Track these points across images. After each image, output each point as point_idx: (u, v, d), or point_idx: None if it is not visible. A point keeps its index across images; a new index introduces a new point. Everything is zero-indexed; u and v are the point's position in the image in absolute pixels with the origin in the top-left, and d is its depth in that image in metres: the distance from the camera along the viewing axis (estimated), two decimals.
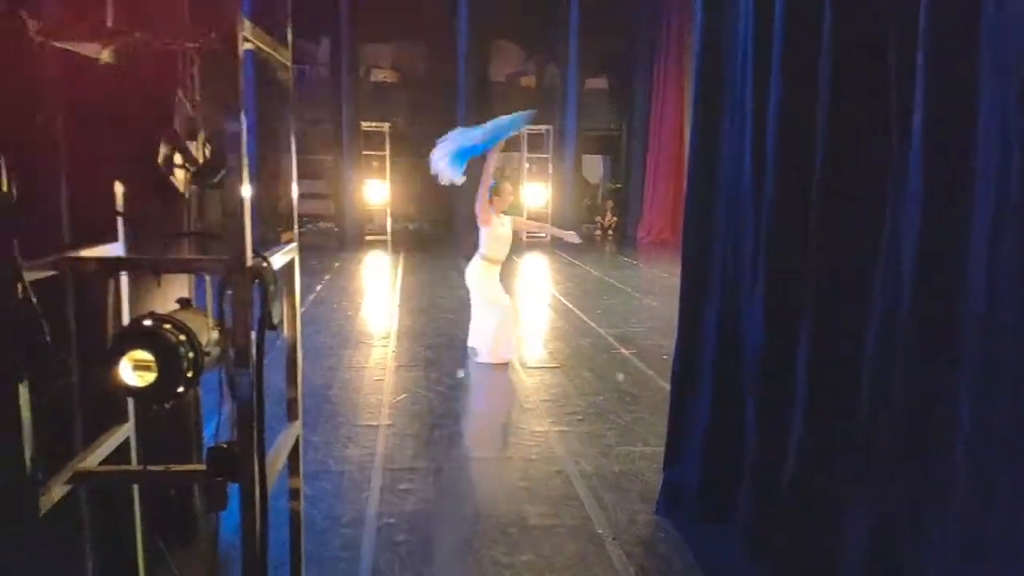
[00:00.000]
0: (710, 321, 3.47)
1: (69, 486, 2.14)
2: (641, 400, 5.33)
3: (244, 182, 1.91)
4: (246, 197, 1.92)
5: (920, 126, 1.86)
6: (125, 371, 2.00)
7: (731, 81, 3.25)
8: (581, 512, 3.59)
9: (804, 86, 2.59)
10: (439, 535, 3.36)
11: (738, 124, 3.21)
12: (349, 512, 3.54)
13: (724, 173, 3.37)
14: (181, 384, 2.07)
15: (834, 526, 2.46)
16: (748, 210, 3.14)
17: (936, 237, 1.83)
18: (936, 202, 1.80)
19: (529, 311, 8.51)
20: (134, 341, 2.00)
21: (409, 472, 4.02)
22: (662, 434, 4.58)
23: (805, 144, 2.63)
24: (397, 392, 5.40)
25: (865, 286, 2.27)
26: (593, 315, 8.19)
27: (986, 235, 1.62)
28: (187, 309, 2.25)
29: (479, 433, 4.66)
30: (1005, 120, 1.61)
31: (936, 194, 1.81)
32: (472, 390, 5.54)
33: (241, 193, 1.91)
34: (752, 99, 3.04)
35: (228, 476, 2.03)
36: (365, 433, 4.58)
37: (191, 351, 2.06)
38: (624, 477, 3.99)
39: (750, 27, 2.99)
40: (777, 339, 2.88)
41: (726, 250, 3.36)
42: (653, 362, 6.33)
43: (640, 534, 3.40)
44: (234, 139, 1.85)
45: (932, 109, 1.81)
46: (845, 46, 2.33)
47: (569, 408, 5.11)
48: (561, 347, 6.52)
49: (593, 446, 4.42)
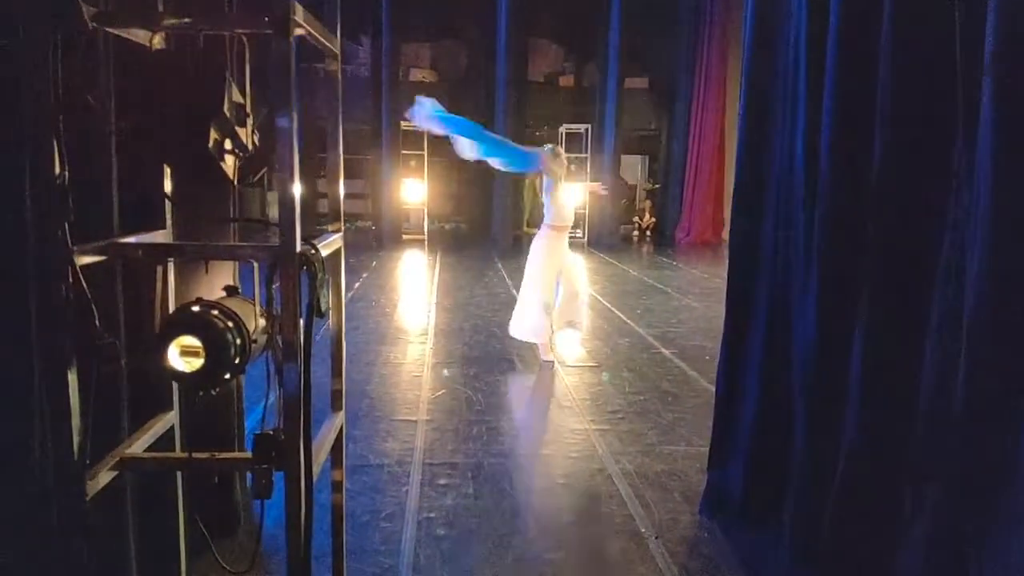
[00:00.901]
0: (759, 320, 3.38)
1: (115, 472, 2.15)
2: (683, 400, 5.25)
3: (295, 168, 1.90)
4: (297, 183, 1.91)
5: (990, 119, 1.76)
6: (173, 357, 2.00)
7: (783, 70, 3.16)
8: (623, 510, 3.53)
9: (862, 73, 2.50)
10: (479, 530, 3.32)
11: (790, 114, 3.12)
12: (389, 506, 3.53)
13: (775, 166, 3.27)
14: (228, 370, 2.07)
15: (888, 532, 2.36)
16: (799, 205, 3.05)
17: (1007, 235, 1.73)
18: (1006, 198, 1.70)
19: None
20: (182, 327, 2.00)
21: (448, 467, 4.00)
22: (704, 434, 4.51)
23: (862, 134, 2.53)
24: (435, 388, 5.39)
25: (926, 283, 2.17)
26: (632, 315, 8.10)
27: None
28: (234, 297, 2.25)
29: (518, 430, 4.62)
30: None
31: (1006, 189, 1.72)
32: (510, 387, 5.50)
33: (292, 179, 1.90)
34: (805, 88, 2.95)
35: (274, 464, 2.02)
36: (404, 428, 4.57)
37: (239, 338, 2.06)
38: (666, 476, 3.92)
39: (803, 12, 2.90)
40: (831, 337, 2.78)
41: (776, 246, 3.27)
42: (695, 363, 6.23)
43: (683, 534, 3.33)
44: (285, 126, 1.84)
45: (1001, 102, 1.71)
46: (906, 33, 2.24)
47: (609, 407, 5.04)
48: (600, 346, 6.45)
49: (634, 445, 4.35)
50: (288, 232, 1.92)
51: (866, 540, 2.51)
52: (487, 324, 7.57)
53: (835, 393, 2.74)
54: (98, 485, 2.04)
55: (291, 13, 1.79)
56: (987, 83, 1.76)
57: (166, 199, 2.24)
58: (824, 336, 2.84)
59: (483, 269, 11.68)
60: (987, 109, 1.78)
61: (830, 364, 2.80)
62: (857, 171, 2.61)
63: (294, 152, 1.91)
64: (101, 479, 2.06)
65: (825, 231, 2.81)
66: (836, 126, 2.71)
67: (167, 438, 2.47)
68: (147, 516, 2.59)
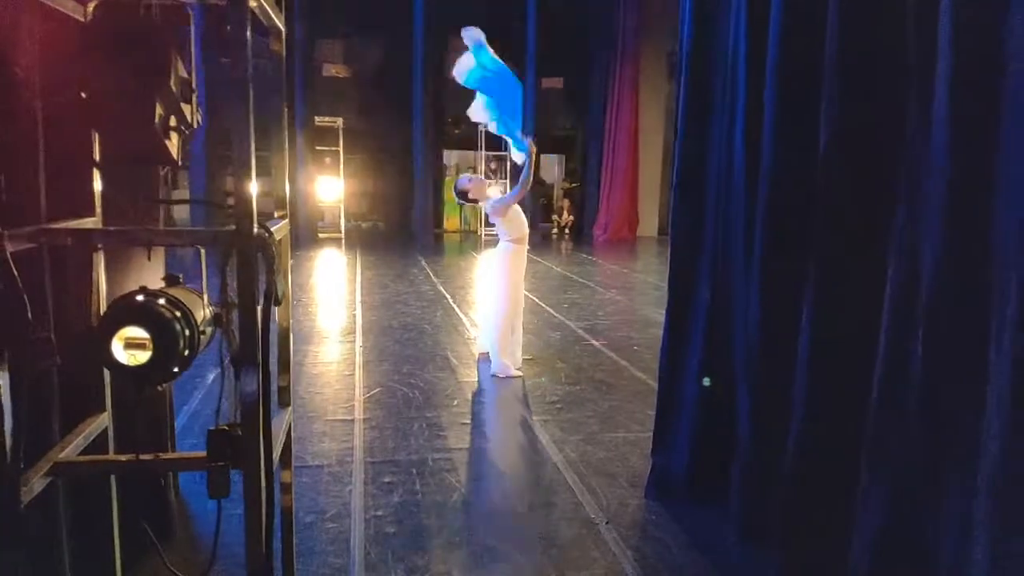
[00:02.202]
0: (699, 306, 3.45)
1: (49, 478, 1.99)
2: (617, 389, 5.32)
3: (250, 150, 1.80)
4: (251, 165, 1.81)
5: (945, 101, 1.83)
6: (117, 350, 1.87)
7: (722, 55, 3.24)
8: (572, 498, 3.53)
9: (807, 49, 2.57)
10: (430, 526, 3.26)
11: (729, 103, 3.20)
12: (333, 506, 3.41)
13: (714, 156, 3.35)
14: (177, 364, 1.94)
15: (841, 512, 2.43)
16: (740, 192, 3.13)
17: (961, 214, 1.80)
18: (961, 180, 1.78)
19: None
20: (127, 318, 1.87)
21: (391, 465, 3.90)
22: (642, 421, 4.60)
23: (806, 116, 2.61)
24: (370, 387, 5.27)
25: (877, 264, 2.23)
26: (560, 309, 8.17)
27: (1017, 215, 1.61)
28: (176, 286, 2.12)
29: (459, 424, 4.56)
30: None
31: (961, 172, 1.79)
32: (447, 383, 5.43)
33: (248, 161, 1.79)
34: (745, 69, 3.02)
35: (231, 461, 1.91)
36: (341, 428, 4.44)
37: (187, 328, 1.94)
38: (610, 463, 3.96)
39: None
40: (775, 322, 2.87)
41: (717, 234, 3.34)
42: (624, 353, 6.33)
43: (633, 518, 3.37)
44: (241, 102, 1.74)
45: (958, 81, 1.78)
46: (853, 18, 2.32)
47: (548, 398, 5.05)
48: (532, 340, 6.46)
49: (576, 433, 4.37)
50: (245, 216, 1.82)
51: (817, 519, 2.58)
52: (417, 321, 7.47)
53: (780, 375, 2.82)
54: (32, 492, 1.88)
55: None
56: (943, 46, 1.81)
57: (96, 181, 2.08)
58: (767, 321, 2.92)
59: (406, 266, 11.52)
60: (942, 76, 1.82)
61: (774, 348, 2.89)
62: (801, 155, 2.69)
63: (250, 132, 1.81)
64: (35, 486, 1.89)
65: (768, 216, 2.89)
66: (779, 110, 2.79)
67: (100, 440, 2.31)
68: (80, 523, 2.40)
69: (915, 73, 1.97)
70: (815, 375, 2.55)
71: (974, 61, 1.76)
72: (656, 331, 7.25)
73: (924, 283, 1.90)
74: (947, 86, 1.80)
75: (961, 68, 1.78)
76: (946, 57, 1.81)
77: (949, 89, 1.80)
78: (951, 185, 1.80)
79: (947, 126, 1.82)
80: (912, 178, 1.97)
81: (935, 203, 1.84)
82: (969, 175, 1.78)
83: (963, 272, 1.80)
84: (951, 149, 1.82)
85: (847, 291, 2.38)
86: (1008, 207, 1.64)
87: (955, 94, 1.79)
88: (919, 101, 1.94)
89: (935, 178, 1.85)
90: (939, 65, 1.84)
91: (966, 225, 1.78)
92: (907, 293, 1.98)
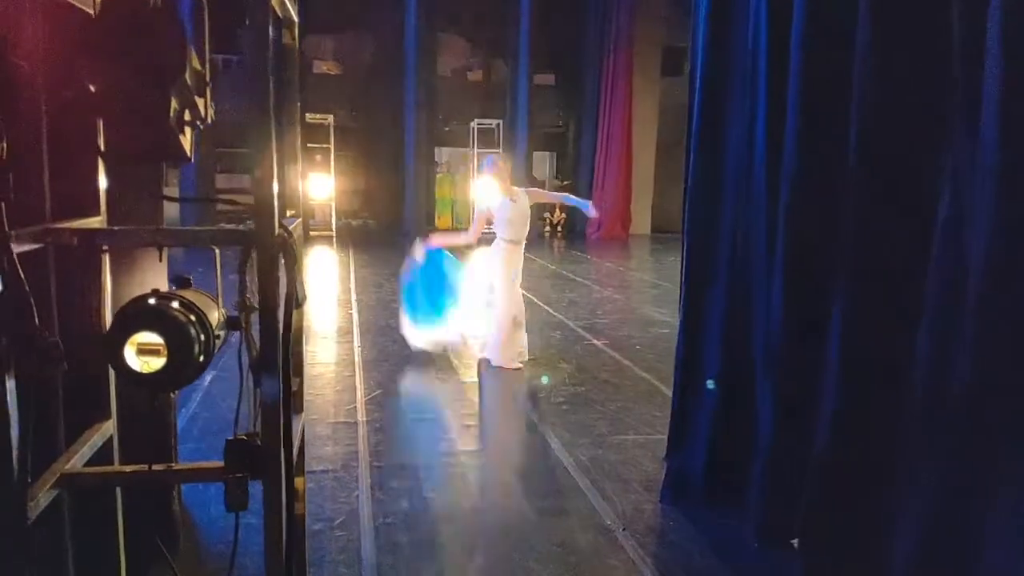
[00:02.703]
0: (717, 307, 3.38)
1: (56, 491, 1.89)
2: (623, 389, 5.24)
3: (272, 147, 1.71)
4: (274, 162, 1.72)
5: (996, 90, 1.76)
6: (129, 356, 1.77)
7: (741, 55, 3.17)
8: (586, 503, 3.46)
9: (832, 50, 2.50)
10: (442, 534, 3.17)
11: (749, 102, 3.13)
12: (341, 512, 3.32)
13: (731, 155, 3.28)
14: (192, 369, 1.85)
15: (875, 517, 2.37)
16: (762, 192, 3.06)
17: (1014, 213, 1.74)
18: (1013, 179, 1.71)
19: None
20: (140, 322, 1.77)
21: (398, 469, 3.81)
22: (651, 422, 4.53)
23: (833, 117, 2.54)
24: (371, 388, 5.17)
25: (916, 269, 2.16)
26: (559, 308, 8.09)
27: None
28: (187, 288, 2.03)
29: (466, 427, 4.48)
30: None
31: (1012, 170, 1.72)
32: (450, 384, 5.34)
33: (271, 158, 1.70)
34: (766, 74, 2.96)
35: (249, 472, 1.82)
36: (344, 431, 4.34)
37: (202, 333, 1.85)
38: (622, 466, 3.88)
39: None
40: (801, 323, 2.81)
41: (735, 237, 3.27)
42: (627, 352, 6.26)
43: (649, 523, 3.29)
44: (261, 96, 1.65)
45: (1011, 70, 1.71)
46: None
47: (554, 399, 4.97)
48: (534, 340, 6.37)
49: (585, 436, 4.29)
50: (267, 214, 1.73)
51: (846, 522, 2.51)
52: None
53: (806, 376, 2.76)
54: (39, 507, 1.78)
55: None
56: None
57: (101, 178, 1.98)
58: (792, 322, 2.86)
59: (400, 266, 11.39)
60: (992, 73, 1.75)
61: (800, 349, 2.82)
62: (826, 156, 2.62)
63: (271, 128, 1.72)
64: (42, 500, 1.80)
65: (791, 217, 2.83)
66: (803, 111, 2.72)
67: (105, 449, 2.21)
68: (86, 535, 2.30)
69: (959, 69, 1.90)
70: (846, 376, 2.48)
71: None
72: (656, 330, 7.22)
73: (971, 285, 1.84)
74: (997, 82, 1.73)
75: (1013, 64, 1.70)
76: (995, 54, 1.73)
77: (1000, 84, 1.73)
78: (1001, 183, 1.74)
79: (997, 122, 1.75)
80: (958, 177, 1.91)
81: (984, 203, 1.78)
82: (1021, 173, 1.71)
83: (1015, 273, 1.73)
84: (1001, 145, 1.75)
85: (882, 293, 2.31)
86: None
87: (1006, 90, 1.72)
88: (964, 96, 1.87)
89: (983, 177, 1.78)
90: (987, 62, 1.77)
91: (1019, 225, 1.71)
92: (953, 295, 1.92)
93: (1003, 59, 1.71)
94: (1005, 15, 1.75)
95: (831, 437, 2.52)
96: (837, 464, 2.49)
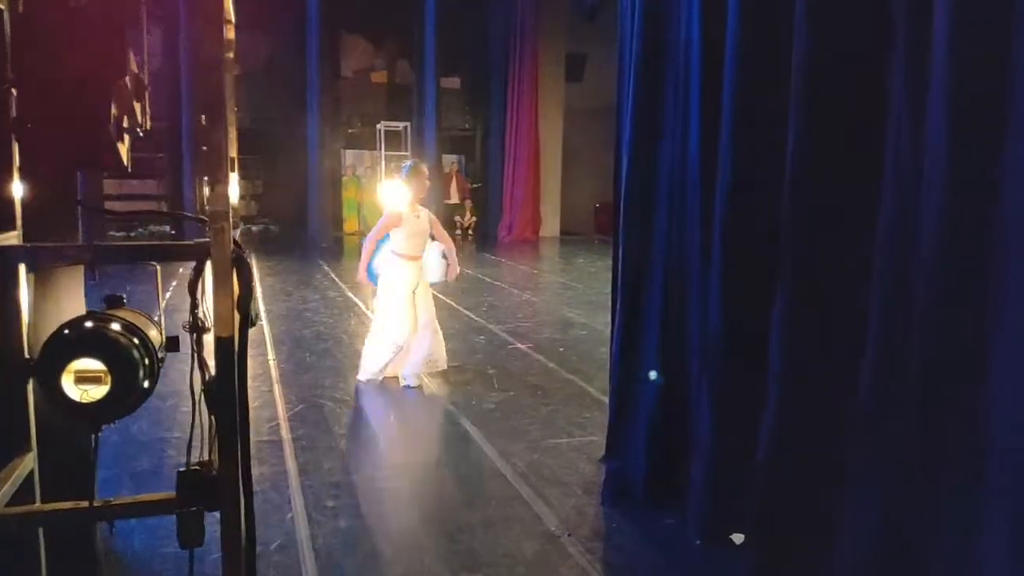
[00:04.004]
0: (653, 309, 3.44)
1: None
2: (551, 393, 5.26)
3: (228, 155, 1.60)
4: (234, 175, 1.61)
5: (940, 95, 1.80)
6: (67, 386, 1.62)
7: (673, 57, 3.22)
8: (528, 511, 3.44)
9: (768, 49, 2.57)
10: (385, 552, 3.08)
11: (682, 102, 3.19)
12: (277, 535, 3.16)
13: (665, 157, 3.34)
14: (136, 397, 1.72)
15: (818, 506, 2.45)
16: (696, 194, 3.14)
17: (955, 219, 1.81)
18: (962, 172, 1.78)
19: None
20: (78, 348, 1.63)
21: (332, 487, 3.67)
22: (583, 424, 4.57)
23: (769, 116, 2.61)
24: (293, 403, 4.97)
25: (860, 264, 2.21)
26: (480, 312, 8.06)
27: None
28: (121, 307, 1.88)
29: (397, 438, 4.37)
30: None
31: (962, 164, 1.78)
32: (375, 395, 5.21)
33: (225, 168, 1.59)
34: (700, 73, 3.01)
35: (206, 504, 1.70)
36: (269, 449, 4.15)
37: (146, 356, 1.72)
38: (560, 471, 3.88)
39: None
40: (739, 324, 2.88)
41: (670, 242, 3.33)
42: (551, 355, 6.30)
43: (594, 527, 3.31)
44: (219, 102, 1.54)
45: (956, 75, 1.77)
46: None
47: (483, 406, 4.93)
48: (459, 346, 6.32)
49: (519, 442, 4.27)
50: (223, 228, 1.61)
51: (797, 525, 2.56)
52: (330, 331, 7.16)
53: (744, 378, 2.84)
54: None
55: None
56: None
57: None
58: (730, 324, 2.93)
59: (309, 272, 11.08)
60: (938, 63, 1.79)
61: (738, 351, 2.90)
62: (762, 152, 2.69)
63: (227, 136, 1.61)
64: None
65: (727, 218, 2.90)
66: (737, 115, 2.80)
67: (26, 485, 2.01)
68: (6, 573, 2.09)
69: (900, 72, 1.97)
70: (786, 378, 2.55)
71: (974, 48, 1.73)
72: (576, 332, 7.31)
73: (915, 285, 1.92)
74: (942, 86, 1.80)
75: (960, 57, 1.75)
76: (941, 45, 1.78)
77: (945, 88, 1.79)
78: (949, 177, 1.79)
79: (944, 117, 1.80)
80: (900, 180, 1.99)
81: (929, 206, 1.85)
82: (970, 166, 1.77)
83: (963, 265, 1.80)
84: (947, 145, 1.81)
85: (822, 293, 2.40)
86: (1012, 199, 1.65)
87: (953, 83, 1.76)
88: (908, 99, 1.93)
89: (928, 179, 1.86)
90: (933, 54, 1.83)
91: (968, 217, 1.78)
92: (896, 294, 2.01)
93: (947, 63, 1.78)
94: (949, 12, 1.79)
95: (775, 438, 2.59)
96: (783, 464, 2.57)
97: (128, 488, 3.52)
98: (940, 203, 1.81)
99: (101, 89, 1.49)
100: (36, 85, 1.48)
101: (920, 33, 1.87)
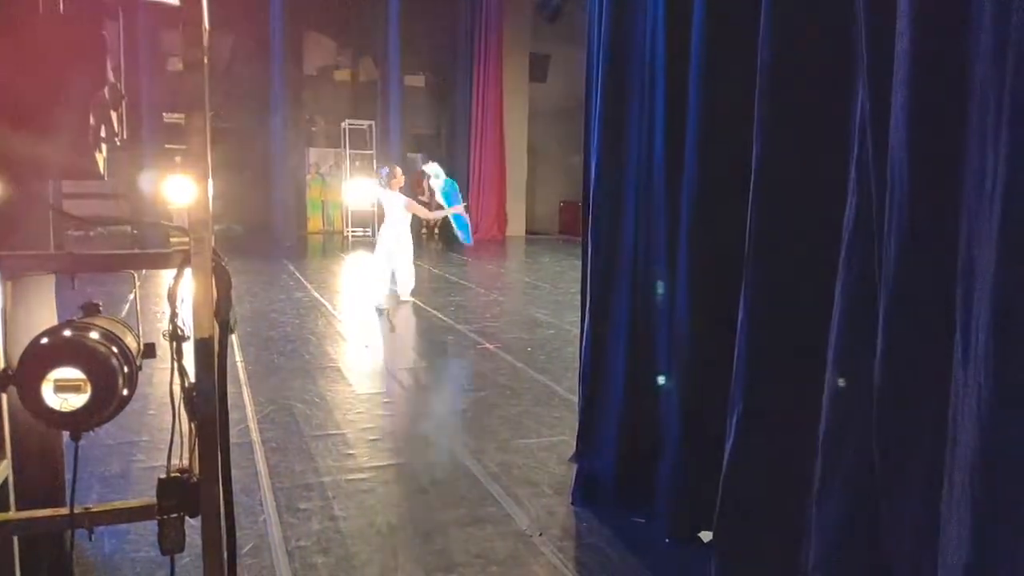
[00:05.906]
0: (621, 310, 3.50)
1: None
2: (521, 393, 5.31)
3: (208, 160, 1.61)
4: (210, 181, 1.62)
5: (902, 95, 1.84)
6: (47, 395, 1.62)
7: (640, 59, 3.28)
8: (500, 511, 3.48)
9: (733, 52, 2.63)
10: (359, 553, 3.09)
11: (647, 107, 3.26)
12: (249, 538, 3.16)
13: (631, 162, 3.41)
14: (115, 405, 1.72)
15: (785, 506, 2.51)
16: (661, 198, 3.21)
17: (920, 216, 1.86)
18: (924, 169, 1.83)
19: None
20: (58, 358, 1.63)
21: (303, 490, 3.68)
22: (552, 424, 4.63)
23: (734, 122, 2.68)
24: (262, 405, 4.94)
25: (824, 271, 2.26)
26: (448, 312, 8.07)
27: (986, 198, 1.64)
28: (98, 315, 1.88)
29: (367, 440, 4.38)
30: None
31: (924, 161, 1.82)
32: (343, 396, 5.20)
33: (204, 168, 1.60)
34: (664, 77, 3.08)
35: (187, 511, 1.71)
36: (239, 452, 4.12)
37: (125, 365, 1.72)
38: (530, 471, 3.94)
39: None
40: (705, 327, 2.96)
41: (637, 238, 3.40)
42: (519, 355, 6.35)
43: (564, 526, 3.37)
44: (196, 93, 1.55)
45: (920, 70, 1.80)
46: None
47: (456, 407, 4.96)
48: (427, 346, 6.34)
49: (490, 442, 4.32)
50: (203, 233, 1.63)
51: (762, 527, 2.63)
52: (298, 331, 7.12)
53: (711, 379, 2.91)
54: None
55: None
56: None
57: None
58: (697, 325, 3.01)
59: (275, 272, 10.97)
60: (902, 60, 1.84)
61: (705, 352, 2.98)
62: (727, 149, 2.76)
63: (207, 140, 1.62)
64: None
65: (692, 222, 2.97)
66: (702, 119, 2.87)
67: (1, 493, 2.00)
68: None
69: (865, 70, 2.02)
70: (752, 380, 2.62)
71: (937, 45, 1.78)
72: (543, 331, 7.37)
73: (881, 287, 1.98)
74: (905, 83, 1.83)
75: (922, 56, 1.80)
76: (905, 42, 1.82)
77: (907, 86, 1.83)
78: (913, 175, 1.84)
79: (907, 114, 1.85)
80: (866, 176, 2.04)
81: (894, 202, 1.90)
82: (933, 164, 1.82)
83: (924, 274, 1.86)
84: (909, 144, 1.85)
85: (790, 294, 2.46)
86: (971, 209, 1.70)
87: (916, 81, 1.81)
88: (872, 98, 1.98)
89: (893, 176, 1.90)
90: (896, 63, 1.88)
91: (928, 223, 1.84)
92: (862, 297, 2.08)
93: (911, 56, 1.82)
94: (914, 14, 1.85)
95: (742, 438, 2.66)
96: (749, 464, 2.64)
97: (98, 492, 3.48)
98: (903, 212, 1.87)
99: (80, 101, 1.49)
100: (13, 96, 1.47)
101: (884, 34, 1.92)
